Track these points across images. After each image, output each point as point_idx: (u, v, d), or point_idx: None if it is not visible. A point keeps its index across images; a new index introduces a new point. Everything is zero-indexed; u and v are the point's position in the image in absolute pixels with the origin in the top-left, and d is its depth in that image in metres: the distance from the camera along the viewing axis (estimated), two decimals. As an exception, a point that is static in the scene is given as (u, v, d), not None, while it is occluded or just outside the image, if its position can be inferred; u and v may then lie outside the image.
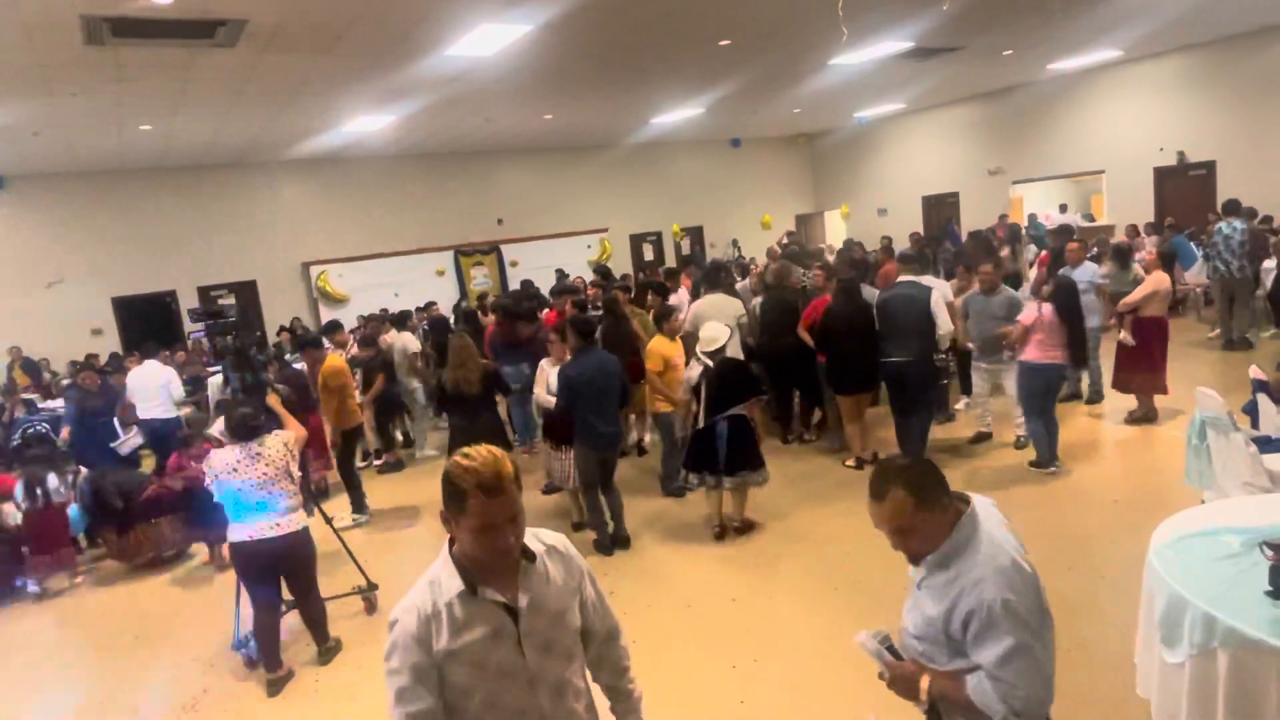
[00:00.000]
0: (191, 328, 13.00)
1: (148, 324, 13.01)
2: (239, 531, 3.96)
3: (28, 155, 10.93)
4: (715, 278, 7.72)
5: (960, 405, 7.60)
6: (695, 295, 8.13)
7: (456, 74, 9.03)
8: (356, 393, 7.02)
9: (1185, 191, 13.66)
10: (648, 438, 7.60)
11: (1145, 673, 2.87)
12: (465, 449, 1.71)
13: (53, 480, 5.96)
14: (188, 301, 13.63)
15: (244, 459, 3.94)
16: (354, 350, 8.44)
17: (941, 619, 1.88)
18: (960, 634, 1.85)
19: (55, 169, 12.28)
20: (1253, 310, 9.25)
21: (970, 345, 6.62)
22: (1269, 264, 9.26)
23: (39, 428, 7.89)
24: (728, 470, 5.20)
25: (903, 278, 6.52)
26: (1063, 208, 14.29)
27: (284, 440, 4.10)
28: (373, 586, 4.96)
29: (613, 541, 5.43)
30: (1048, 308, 5.73)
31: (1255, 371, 4.97)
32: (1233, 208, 9.20)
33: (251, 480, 3.91)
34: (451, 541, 1.77)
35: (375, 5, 6.55)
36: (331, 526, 5.09)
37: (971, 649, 1.83)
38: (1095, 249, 10.09)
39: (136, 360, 9.28)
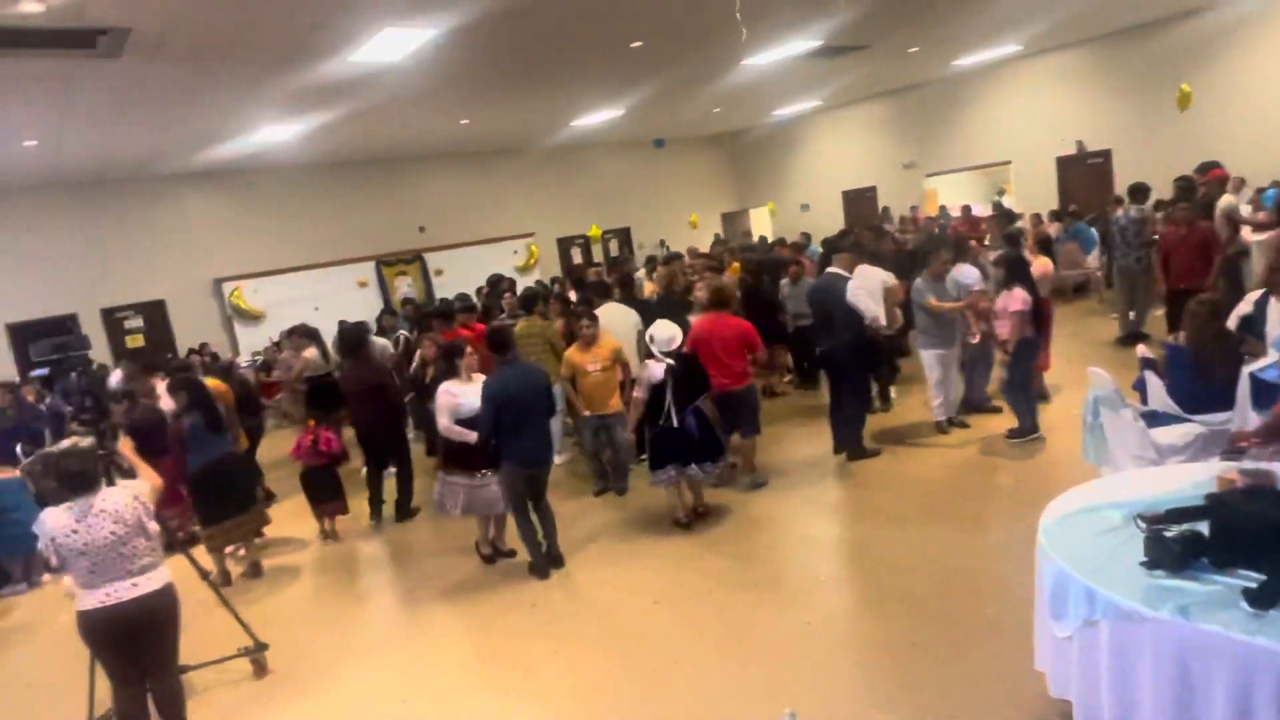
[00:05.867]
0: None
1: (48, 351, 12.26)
2: (89, 598, 3.48)
3: (-99, 176, 10.22)
4: (606, 289, 7.73)
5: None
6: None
7: (364, 80, 8.78)
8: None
9: (1085, 179, 14.30)
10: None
11: (1041, 647, 2.97)
12: None
13: None
14: (90, 325, 12.91)
15: (83, 517, 3.44)
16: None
17: None
18: None
19: (-65, 189, 11.52)
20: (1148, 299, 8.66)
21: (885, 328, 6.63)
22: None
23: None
24: (700, 459, 5.28)
25: (830, 269, 6.66)
26: (965, 209, 14.73)
27: (134, 493, 3.62)
28: (261, 646, 4.40)
29: (548, 561, 5.15)
30: (1018, 289, 6.01)
31: (1143, 350, 5.23)
32: (1134, 192, 8.90)
33: (98, 541, 3.44)
34: None
35: (265, 13, 6.32)
36: (208, 581, 4.53)
37: None
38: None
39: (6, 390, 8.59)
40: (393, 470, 6.64)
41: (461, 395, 5.12)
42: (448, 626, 4.72)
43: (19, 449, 6.90)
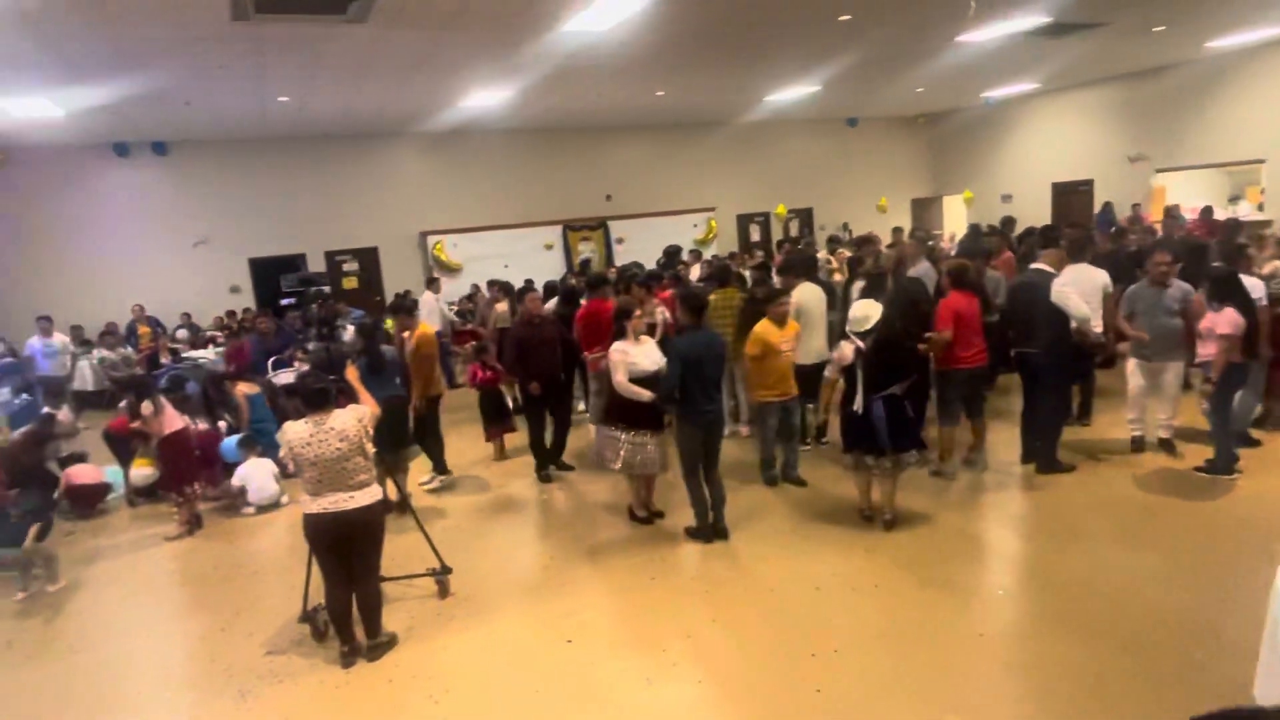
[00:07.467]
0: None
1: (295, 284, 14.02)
2: (314, 504, 3.97)
3: (183, 124, 11.85)
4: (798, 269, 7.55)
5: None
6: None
7: (573, 49, 9.12)
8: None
9: (1361, 185, 12.27)
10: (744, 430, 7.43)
11: (1264, 703, 2.66)
12: None
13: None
14: (316, 264, 14.49)
15: (317, 432, 3.92)
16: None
17: None
18: None
19: (206, 137, 13.29)
20: None
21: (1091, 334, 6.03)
22: None
23: (180, 372, 8.72)
24: (892, 449, 5.03)
25: (1035, 265, 6.21)
26: (1206, 210, 12.96)
27: (358, 416, 4.07)
28: (446, 570, 4.86)
29: (713, 533, 5.26)
30: (1229, 309, 5.38)
31: None
32: None
33: (327, 455, 3.92)
34: None
35: (496, -20, 6.70)
36: (409, 507, 5.11)
37: None
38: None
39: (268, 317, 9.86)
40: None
41: (633, 354, 5.28)
42: (611, 578, 4.93)
43: (269, 366, 7.97)
